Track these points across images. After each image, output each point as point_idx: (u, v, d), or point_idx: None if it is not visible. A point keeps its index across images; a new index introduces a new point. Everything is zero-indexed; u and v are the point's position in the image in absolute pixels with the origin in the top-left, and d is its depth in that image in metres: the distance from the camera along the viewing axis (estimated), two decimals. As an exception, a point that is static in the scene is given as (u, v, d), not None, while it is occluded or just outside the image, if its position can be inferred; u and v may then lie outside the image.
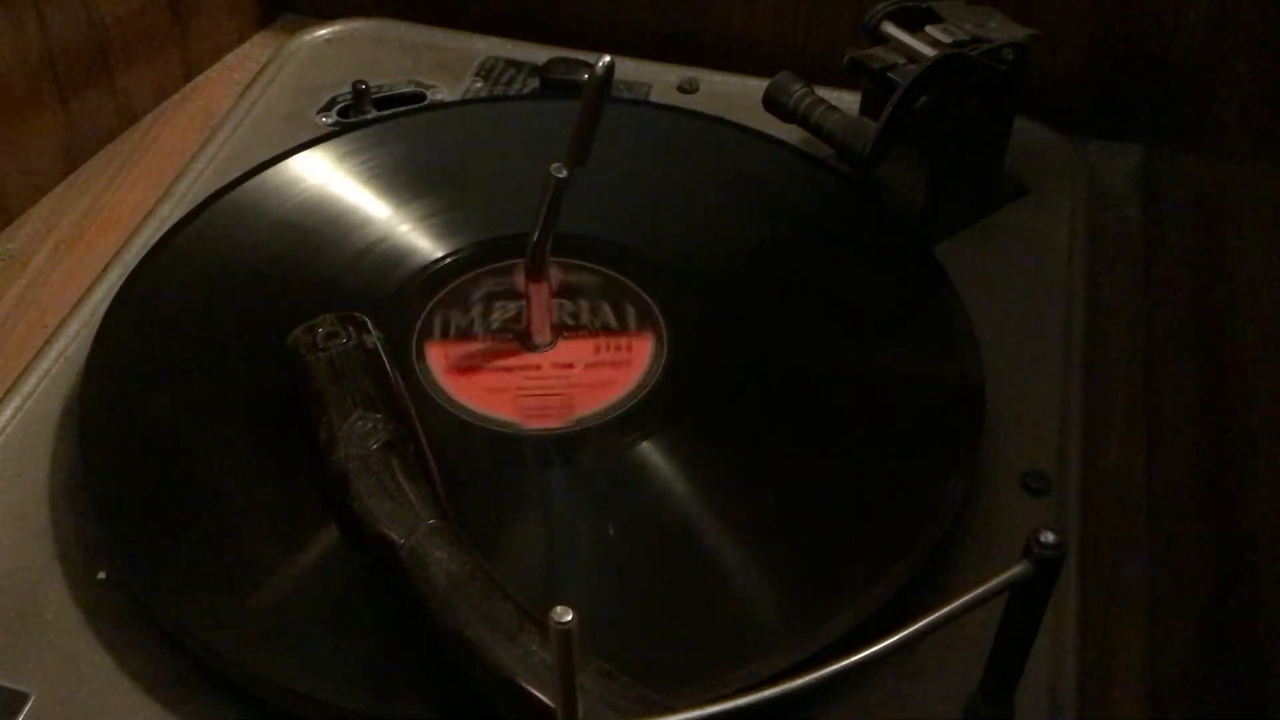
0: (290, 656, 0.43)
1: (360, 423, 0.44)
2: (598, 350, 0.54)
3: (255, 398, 0.51)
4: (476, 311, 0.55)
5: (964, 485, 0.48)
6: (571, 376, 0.53)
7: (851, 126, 0.57)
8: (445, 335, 0.54)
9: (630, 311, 0.55)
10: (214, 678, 0.44)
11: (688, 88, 0.70)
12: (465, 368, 0.53)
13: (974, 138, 0.59)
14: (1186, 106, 0.64)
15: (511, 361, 0.53)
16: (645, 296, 0.56)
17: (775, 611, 0.45)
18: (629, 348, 0.54)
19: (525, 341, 0.54)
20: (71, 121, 0.67)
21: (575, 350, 0.54)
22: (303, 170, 0.61)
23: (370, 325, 0.49)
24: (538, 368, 0.53)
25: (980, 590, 0.35)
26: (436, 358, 0.53)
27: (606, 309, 0.55)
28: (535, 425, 0.51)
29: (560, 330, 0.54)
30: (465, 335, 0.54)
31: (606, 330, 0.54)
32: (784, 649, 0.43)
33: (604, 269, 0.57)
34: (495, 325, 0.55)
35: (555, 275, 0.55)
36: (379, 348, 0.48)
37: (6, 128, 0.64)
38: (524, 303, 0.54)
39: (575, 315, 0.55)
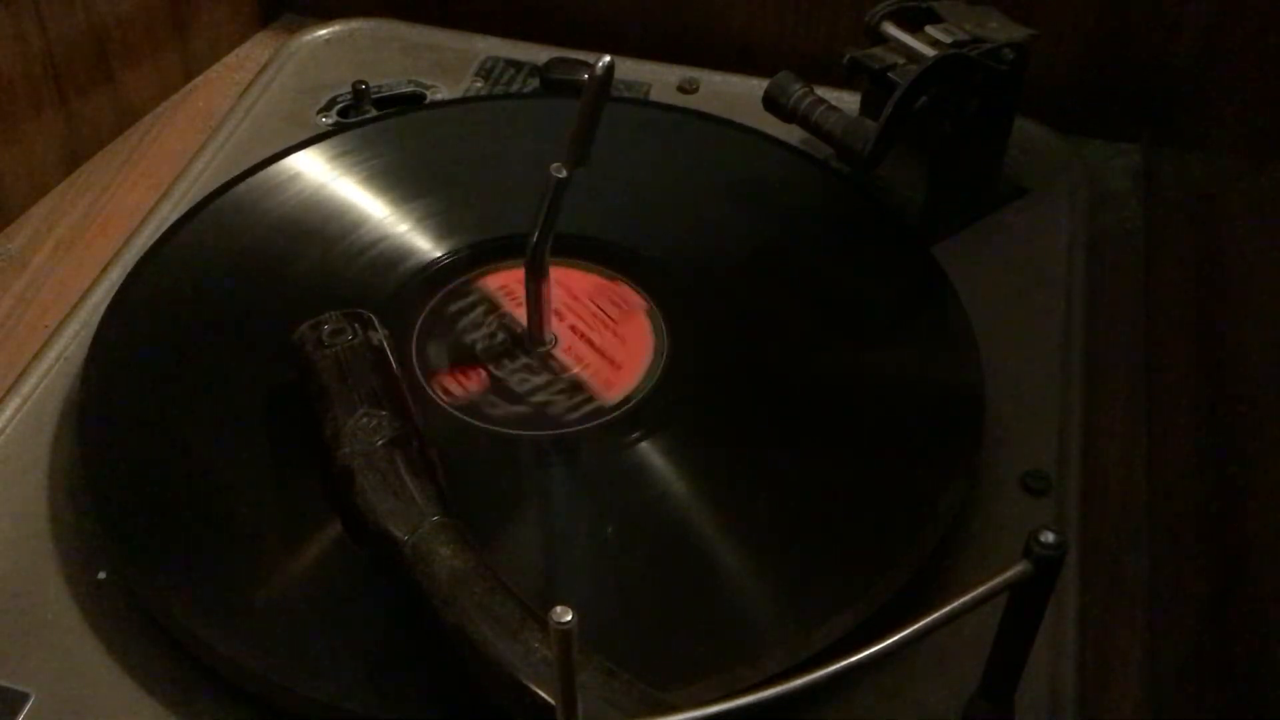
0: (291, 656, 0.43)
1: (365, 419, 0.44)
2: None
3: (255, 397, 0.51)
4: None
5: (964, 485, 0.48)
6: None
7: (851, 126, 0.57)
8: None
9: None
10: (214, 678, 0.44)
11: (688, 88, 0.70)
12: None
13: (973, 138, 0.60)
14: (1186, 106, 0.64)
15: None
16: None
17: (775, 611, 0.45)
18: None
19: (526, 341, 0.54)
20: (71, 121, 0.67)
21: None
22: (302, 169, 0.61)
23: (376, 322, 0.49)
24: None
25: (980, 590, 0.35)
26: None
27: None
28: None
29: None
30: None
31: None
32: (784, 649, 0.43)
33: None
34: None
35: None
36: (384, 345, 0.48)
37: (6, 128, 0.64)
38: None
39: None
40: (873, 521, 0.48)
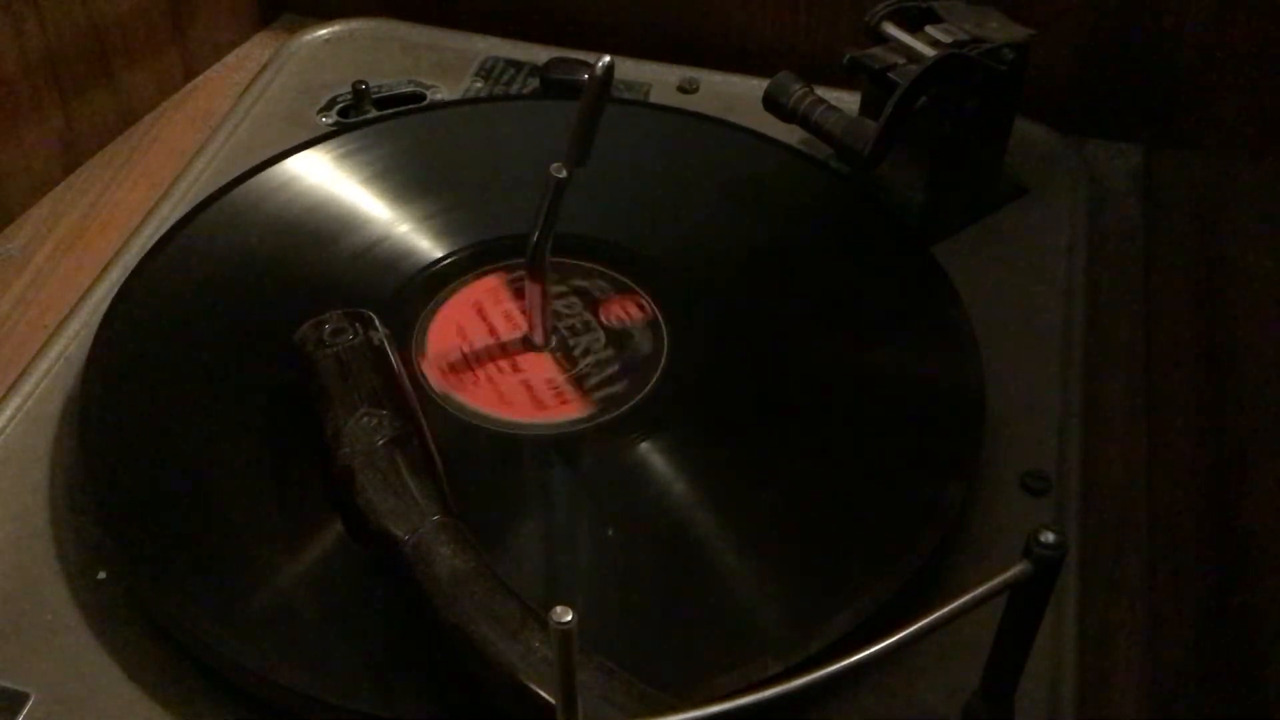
0: (290, 657, 0.43)
1: (366, 419, 0.44)
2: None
3: (255, 397, 0.51)
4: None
5: (964, 485, 0.48)
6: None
7: (851, 126, 0.57)
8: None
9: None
10: (214, 678, 0.44)
11: (688, 88, 0.70)
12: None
13: (974, 138, 0.60)
14: (1186, 106, 0.64)
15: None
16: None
17: (775, 611, 0.45)
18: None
19: (526, 342, 0.54)
20: (71, 121, 0.67)
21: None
22: (303, 170, 0.61)
23: (377, 322, 0.49)
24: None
25: (980, 590, 0.35)
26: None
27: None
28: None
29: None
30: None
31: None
32: (784, 649, 0.43)
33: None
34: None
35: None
36: (385, 344, 0.48)
37: (6, 128, 0.64)
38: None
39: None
40: (873, 521, 0.48)
